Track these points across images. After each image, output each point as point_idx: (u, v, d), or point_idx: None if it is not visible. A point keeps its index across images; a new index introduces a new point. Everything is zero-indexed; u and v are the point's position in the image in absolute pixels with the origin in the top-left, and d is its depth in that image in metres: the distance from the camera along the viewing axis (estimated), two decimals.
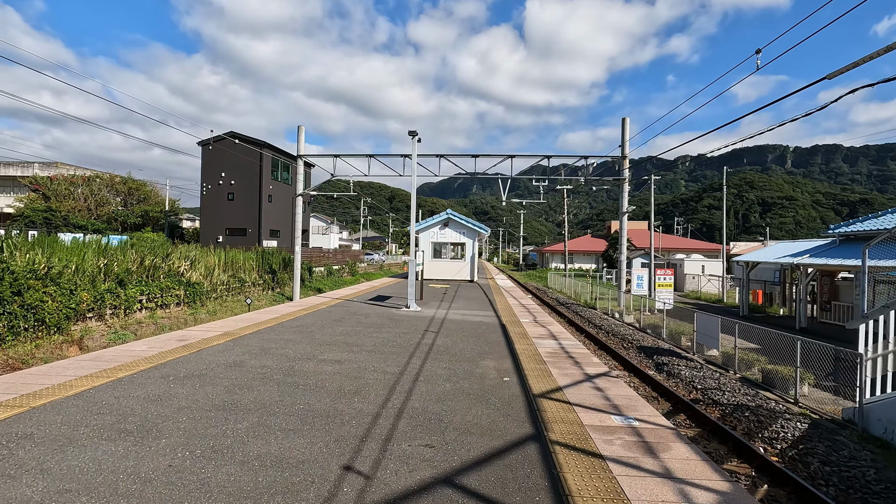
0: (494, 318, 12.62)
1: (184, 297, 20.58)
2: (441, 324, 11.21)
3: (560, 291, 35.84)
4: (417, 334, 9.65)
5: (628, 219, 25.87)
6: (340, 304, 14.63)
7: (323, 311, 12.81)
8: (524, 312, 14.34)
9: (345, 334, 9.35)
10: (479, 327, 10.98)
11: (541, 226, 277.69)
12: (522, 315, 13.66)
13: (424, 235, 27.60)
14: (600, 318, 21.84)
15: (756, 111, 11.17)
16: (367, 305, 14.61)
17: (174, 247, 24.73)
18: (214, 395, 5.24)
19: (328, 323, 10.69)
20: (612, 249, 51.11)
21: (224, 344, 7.98)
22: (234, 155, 41.12)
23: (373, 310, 13.50)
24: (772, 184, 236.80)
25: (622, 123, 24.59)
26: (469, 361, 7.44)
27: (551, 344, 9.23)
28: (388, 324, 10.93)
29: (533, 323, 12.07)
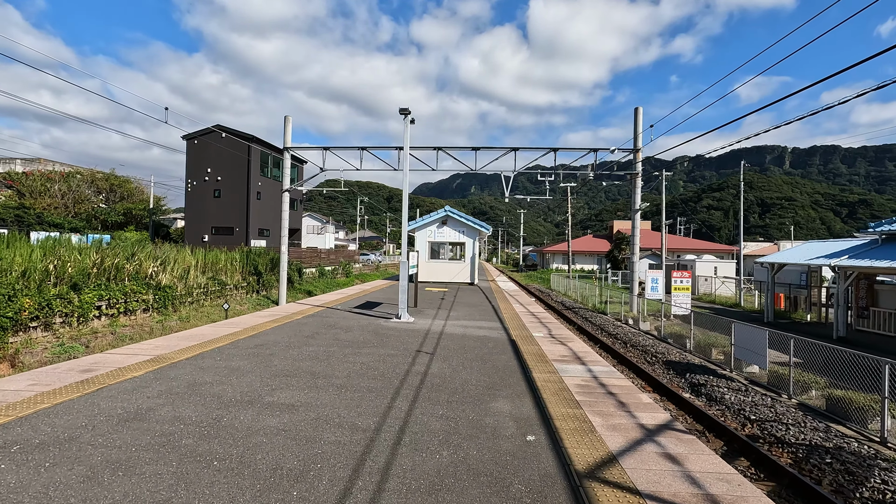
0: (502, 332, 10.56)
1: (153, 301, 18.50)
2: (437, 340, 9.15)
3: (565, 294, 33.82)
4: (407, 357, 7.59)
5: (645, 216, 23.92)
6: (321, 313, 12.56)
7: (296, 323, 10.73)
8: (535, 323, 12.28)
9: (313, 358, 7.28)
10: (484, 344, 8.93)
11: (539, 226, 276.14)
12: (534, 326, 11.60)
13: (421, 234, 25.53)
14: (613, 326, 19.82)
15: (758, 111, 11.32)
16: (353, 314, 12.54)
17: (149, 246, 22.59)
18: (53, 492, 3.16)
19: (297, 341, 8.62)
20: (617, 250, 49.13)
21: (142, 377, 5.90)
22: (221, 149, 39.02)
23: (357, 320, 11.43)
24: (771, 184, 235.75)
25: (635, 114, 22.60)
26: (475, 403, 5.38)
27: (578, 371, 7.18)
28: (371, 341, 8.86)
29: (548, 338, 10.02)
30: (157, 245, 29.63)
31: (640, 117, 22.46)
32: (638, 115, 22.47)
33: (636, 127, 22.43)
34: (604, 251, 63.88)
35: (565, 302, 28.40)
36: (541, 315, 14.14)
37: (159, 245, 30.21)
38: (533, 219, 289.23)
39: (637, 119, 22.45)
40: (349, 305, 14.88)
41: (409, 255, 12.17)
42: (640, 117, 22.46)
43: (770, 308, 21.69)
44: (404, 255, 11.43)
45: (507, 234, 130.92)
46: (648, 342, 16.10)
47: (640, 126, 22.43)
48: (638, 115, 22.47)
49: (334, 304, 15.22)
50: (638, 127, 22.40)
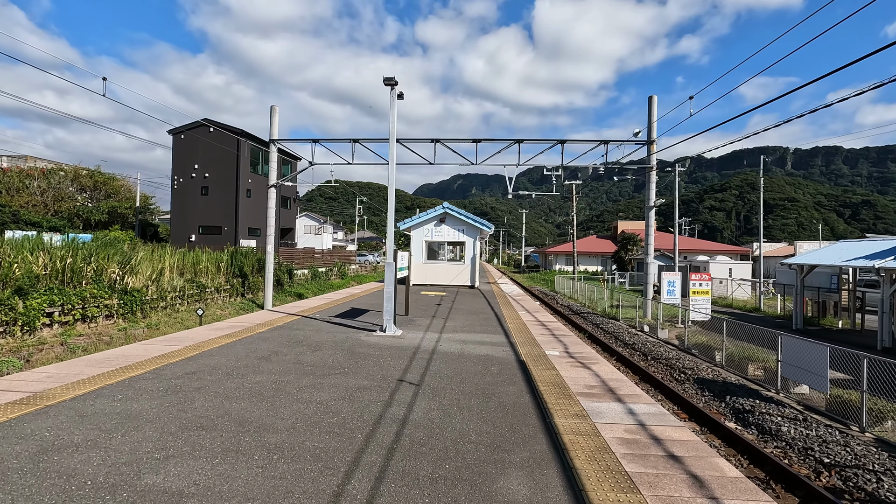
0: (507, 348, 8.62)
1: (118, 307, 16.59)
2: (427, 363, 7.22)
3: (570, 297, 31.87)
4: (383, 391, 5.65)
5: (638, 218, 22.02)
6: (293, 324, 10.63)
7: (256, 339, 8.79)
8: (546, 335, 10.34)
9: (254, 395, 5.34)
10: (486, 368, 7.00)
11: (541, 227, 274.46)
12: (546, 340, 9.66)
13: (417, 233, 23.60)
14: (629, 334, 17.88)
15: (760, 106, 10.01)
16: (330, 325, 10.61)
17: (124, 246, 20.66)
18: None
19: (245, 365, 6.69)
20: (624, 251, 47.21)
21: None
22: (209, 144, 37.10)
23: (333, 334, 9.49)
24: (773, 185, 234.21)
25: (649, 103, 20.69)
26: (474, 484, 3.44)
27: (616, 413, 5.25)
28: (342, 365, 6.93)
29: (566, 357, 8.08)
30: (137, 245, 27.74)
31: (654, 107, 20.55)
32: (652, 105, 20.56)
33: (650, 117, 20.52)
34: (608, 252, 61.94)
35: (572, 306, 26.47)
36: (551, 324, 12.19)
37: (139, 245, 28.31)
38: (534, 220, 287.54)
39: (651, 108, 20.54)
40: (331, 313, 12.95)
41: (398, 256, 10.24)
42: (654, 107, 20.55)
43: (799, 314, 19.74)
44: (389, 254, 9.50)
45: (508, 234, 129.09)
46: (672, 354, 14.17)
47: (654, 116, 20.51)
48: (652, 105, 20.56)
49: (316, 310, 13.31)
50: (652, 117, 20.48)
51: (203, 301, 22.48)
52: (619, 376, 6.87)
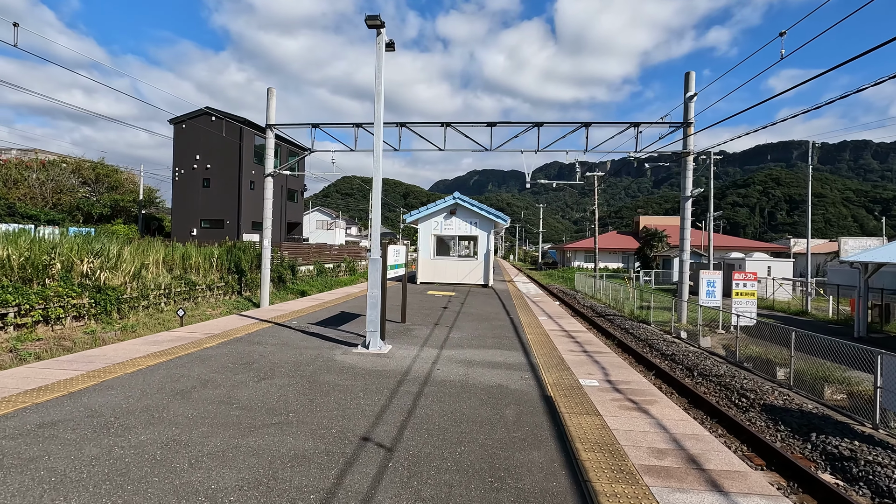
0: (528, 375, 6.42)
1: (89, 306, 14.78)
2: (414, 403, 5.06)
3: (592, 297, 29.45)
4: (328, 470, 3.47)
5: (663, 213, 19.64)
6: (258, 335, 8.55)
7: (194, 358, 6.71)
8: (577, 353, 8.10)
9: (110, 477, 3.25)
10: (498, 416, 4.81)
11: (558, 223, 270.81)
12: (577, 360, 7.43)
13: (425, 226, 21.43)
14: (665, 342, 15.54)
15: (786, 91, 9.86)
16: (303, 337, 8.51)
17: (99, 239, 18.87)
18: None
19: (146, 407, 4.59)
20: (648, 247, 44.48)
21: None
22: (211, 134, 35.36)
23: (299, 351, 7.37)
24: (799, 180, 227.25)
25: (685, 81, 18.22)
26: None
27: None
28: (289, 405, 4.81)
29: (610, 392, 5.85)
30: (132, 239, 26.12)
31: (691, 83, 18.06)
32: (689, 81, 18.07)
33: (686, 99, 18.05)
34: (630, 249, 59.09)
35: (595, 307, 24.10)
36: (579, 335, 9.92)
37: (136, 239, 26.69)
38: (551, 216, 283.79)
39: (688, 85, 18.06)
40: (318, 317, 10.88)
41: (389, 250, 8.08)
42: (691, 83, 18.06)
43: (863, 319, 17.13)
44: (375, 248, 7.35)
45: (524, 230, 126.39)
46: (722, 370, 11.82)
47: (692, 102, 18.05)
48: (689, 81, 18.07)
49: (305, 313, 11.26)
50: (690, 101, 18.02)
51: (192, 300, 20.67)
52: (697, 429, 4.61)
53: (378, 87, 7.38)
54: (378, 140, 7.33)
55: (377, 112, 7.38)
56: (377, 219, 7.22)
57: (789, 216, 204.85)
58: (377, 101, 7.36)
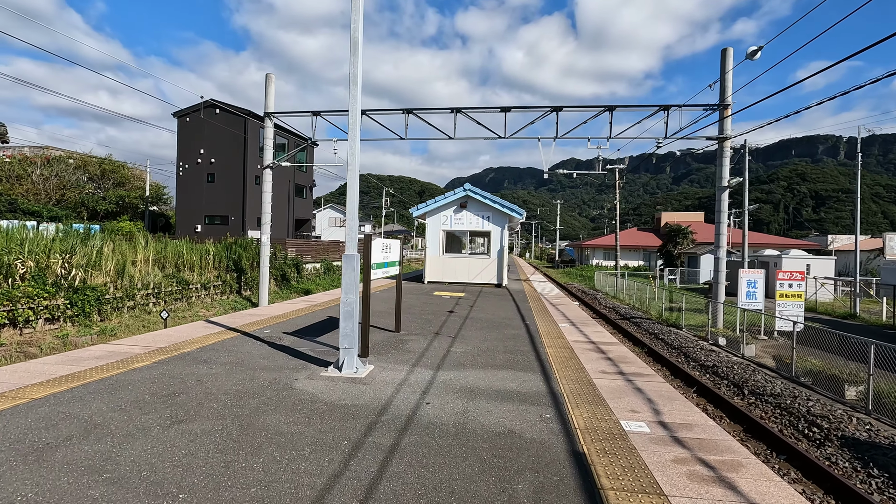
0: (550, 414, 4.71)
1: (65, 308, 13.48)
2: (382, 467, 3.40)
3: (614, 297, 27.51)
4: None
5: (683, 209, 17.72)
6: (213, 348, 6.95)
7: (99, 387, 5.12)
8: (612, 375, 6.34)
9: None
10: (505, 497, 3.14)
11: (574, 220, 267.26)
12: (613, 387, 5.69)
13: (433, 220, 19.77)
14: (701, 350, 13.69)
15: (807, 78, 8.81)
16: (267, 352, 6.90)
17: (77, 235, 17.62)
18: None
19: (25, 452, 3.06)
20: (672, 244, 42.21)
21: None
22: (215, 128, 34.19)
23: (252, 373, 5.74)
24: (826, 176, 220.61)
25: (722, 59, 16.27)
26: None
27: None
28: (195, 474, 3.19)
29: (668, 443, 4.13)
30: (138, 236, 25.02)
31: (728, 60, 16.10)
32: (726, 58, 16.12)
33: (723, 75, 16.10)
34: (651, 246, 56.71)
35: (619, 308, 22.21)
36: (611, 348, 8.15)
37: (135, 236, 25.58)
38: (567, 213, 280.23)
39: (725, 62, 16.11)
40: (303, 322, 9.30)
41: (372, 244, 6.42)
42: (728, 60, 16.10)
43: None
44: (351, 242, 5.71)
45: (541, 227, 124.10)
46: (777, 387, 9.96)
47: (728, 75, 16.07)
48: (726, 58, 16.12)
49: (291, 316, 9.70)
50: (727, 77, 16.05)
51: (185, 300, 19.33)
52: None
53: (355, 27, 5.71)
54: (355, 101, 5.67)
55: (352, 69, 5.71)
56: (354, 203, 5.58)
57: (815, 213, 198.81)
58: (353, 53, 5.69)
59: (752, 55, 9.88)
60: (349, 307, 5.60)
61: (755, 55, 9.85)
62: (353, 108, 5.68)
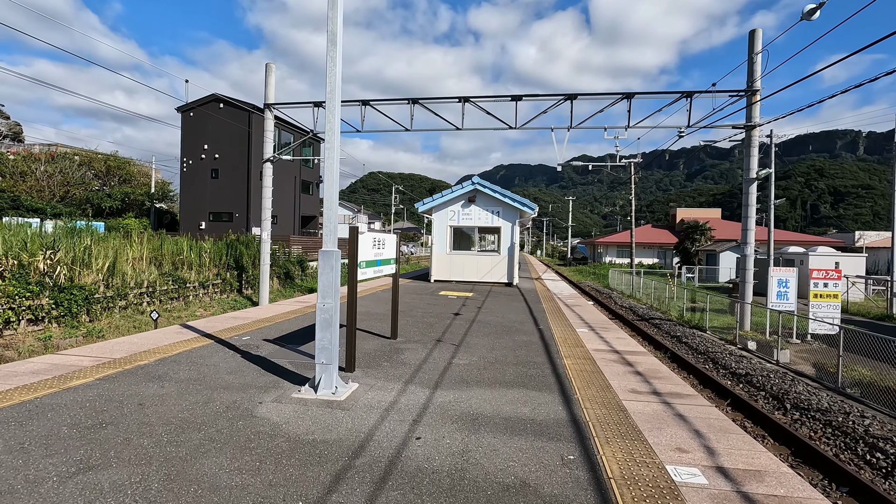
0: (574, 455, 3.69)
1: (50, 308, 12.69)
2: None
3: (630, 296, 26.31)
4: None
5: (697, 206, 16.48)
6: (166, 363, 5.97)
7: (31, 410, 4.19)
8: (646, 396, 5.27)
9: None
10: None
11: (586, 218, 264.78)
12: (649, 412, 4.63)
13: (440, 216, 18.76)
14: (730, 355, 12.55)
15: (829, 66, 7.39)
16: (237, 366, 5.92)
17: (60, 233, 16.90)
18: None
19: None
20: (689, 241, 40.77)
21: None
22: (219, 122, 33.47)
23: (208, 396, 4.75)
24: (844, 171, 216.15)
25: (750, 39, 15.03)
26: None
27: None
28: None
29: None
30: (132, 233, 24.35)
31: (757, 41, 14.87)
32: (755, 40, 14.88)
33: (751, 59, 14.88)
34: (666, 243, 55.23)
35: (636, 308, 21.04)
36: (641, 361, 7.08)
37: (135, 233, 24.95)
38: (578, 210, 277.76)
39: (753, 45, 14.88)
40: (290, 326, 8.36)
41: (360, 240, 5.42)
42: (757, 41, 14.87)
43: None
44: (329, 236, 4.72)
45: (552, 224, 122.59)
46: (824, 400, 8.81)
47: (757, 58, 14.85)
48: (755, 40, 14.88)
49: (283, 318, 8.77)
50: (755, 61, 14.83)
51: (182, 299, 18.52)
52: None
53: None
54: (334, 58, 4.65)
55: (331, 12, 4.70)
56: (332, 186, 4.58)
57: (833, 209, 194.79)
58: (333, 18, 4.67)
59: (810, 15, 8.71)
60: (327, 314, 4.61)
61: (813, 14, 8.68)
62: (332, 70, 4.67)
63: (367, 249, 5.90)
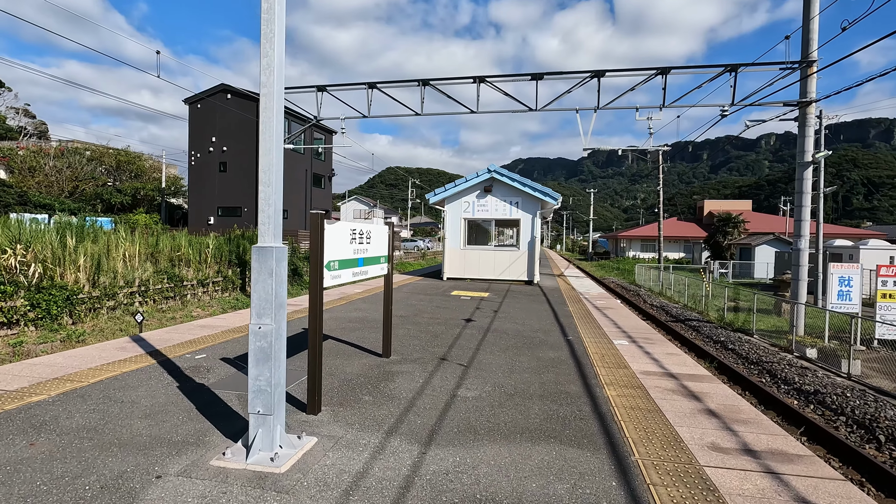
0: None
1: (26, 309, 11.46)
2: None
3: (660, 294, 24.39)
4: None
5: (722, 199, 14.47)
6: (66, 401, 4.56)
7: None
8: (753, 475, 3.61)
9: None
10: None
11: (606, 211, 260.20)
12: (756, 498, 3.00)
13: (453, 208, 17.16)
14: (785, 363, 10.72)
15: None
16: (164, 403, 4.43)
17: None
18: None
19: None
20: (721, 234, 38.42)
21: None
22: (227, 114, 32.35)
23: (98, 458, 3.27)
24: (878, 161, 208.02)
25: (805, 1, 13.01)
26: None
27: None
28: None
29: None
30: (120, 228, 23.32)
31: (814, 4, 12.81)
32: (812, 3, 12.82)
33: (806, 24, 12.88)
34: (693, 236, 52.74)
35: (668, 308, 19.19)
36: (711, 392, 5.40)
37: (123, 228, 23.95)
38: (598, 203, 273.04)
39: (810, 7, 12.83)
40: None
41: (327, 234, 3.86)
42: (814, 4, 12.81)
43: None
44: (268, 227, 3.20)
45: (572, 218, 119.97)
46: None
47: (813, 23, 12.83)
48: (812, 3, 12.82)
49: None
50: (811, 27, 12.84)
51: (179, 298, 17.27)
52: None
53: None
54: None
55: None
56: (273, 147, 3.07)
57: (867, 200, 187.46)
58: None
59: None
60: (263, 341, 3.09)
61: None
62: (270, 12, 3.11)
63: (340, 244, 4.35)
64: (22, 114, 59.91)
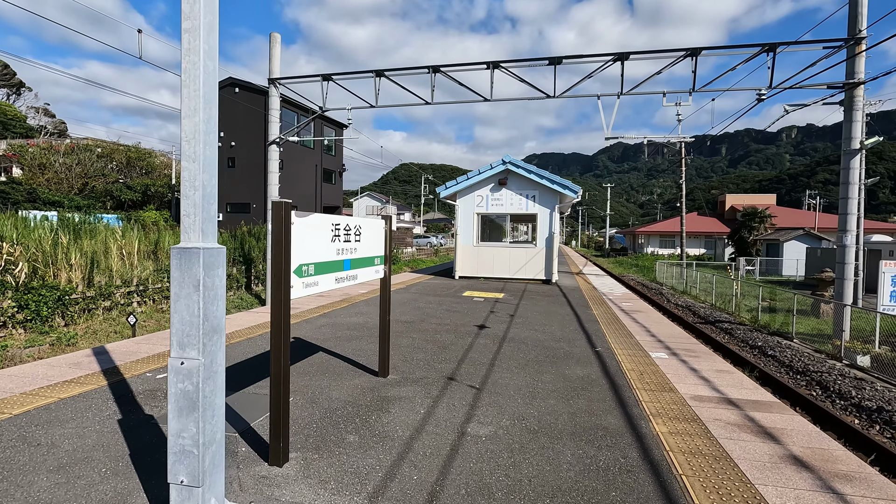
0: None
1: (13, 311, 10.85)
2: None
3: (684, 292, 23.13)
4: None
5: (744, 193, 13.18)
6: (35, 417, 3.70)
7: None
8: None
9: None
10: None
11: (622, 207, 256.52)
12: None
13: (465, 202, 16.15)
14: (836, 373, 9.58)
15: None
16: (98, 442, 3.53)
17: None
18: None
19: None
20: (746, 229, 36.83)
21: None
22: (236, 108, 31.66)
23: None
24: None
25: None
26: None
27: None
28: None
29: None
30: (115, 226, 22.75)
31: None
32: None
33: None
34: (715, 232, 51.04)
35: (695, 308, 18.00)
36: (788, 428, 4.34)
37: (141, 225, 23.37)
38: (614, 198, 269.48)
39: None
40: (247, 349, 6.04)
41: (295, 227, 2.88)
42: None
43: None
44: (192, 220, 2.27)
45: (588, 213, 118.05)
46: None
47: None
48: None
49: (235, 339, 6.46)
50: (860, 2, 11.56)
51: None
52: None
53: None
54: None
55: None
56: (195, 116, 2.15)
57: (893, 194, 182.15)
58: None
59: None
60: (187, 382, 2.16)
61: None
62: None
63: (316, 243, 3.39)
64: (42, 113, 60.29)
